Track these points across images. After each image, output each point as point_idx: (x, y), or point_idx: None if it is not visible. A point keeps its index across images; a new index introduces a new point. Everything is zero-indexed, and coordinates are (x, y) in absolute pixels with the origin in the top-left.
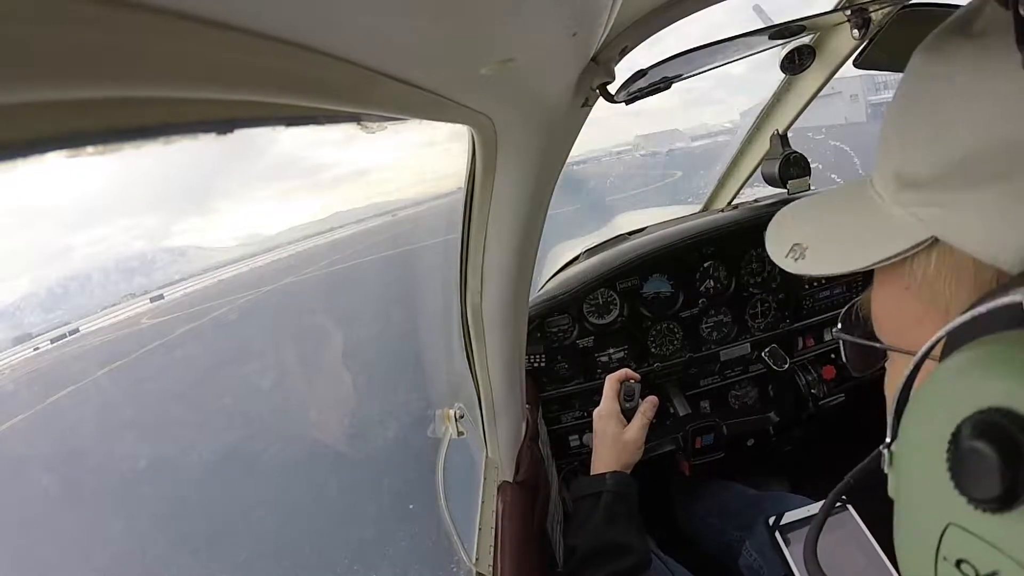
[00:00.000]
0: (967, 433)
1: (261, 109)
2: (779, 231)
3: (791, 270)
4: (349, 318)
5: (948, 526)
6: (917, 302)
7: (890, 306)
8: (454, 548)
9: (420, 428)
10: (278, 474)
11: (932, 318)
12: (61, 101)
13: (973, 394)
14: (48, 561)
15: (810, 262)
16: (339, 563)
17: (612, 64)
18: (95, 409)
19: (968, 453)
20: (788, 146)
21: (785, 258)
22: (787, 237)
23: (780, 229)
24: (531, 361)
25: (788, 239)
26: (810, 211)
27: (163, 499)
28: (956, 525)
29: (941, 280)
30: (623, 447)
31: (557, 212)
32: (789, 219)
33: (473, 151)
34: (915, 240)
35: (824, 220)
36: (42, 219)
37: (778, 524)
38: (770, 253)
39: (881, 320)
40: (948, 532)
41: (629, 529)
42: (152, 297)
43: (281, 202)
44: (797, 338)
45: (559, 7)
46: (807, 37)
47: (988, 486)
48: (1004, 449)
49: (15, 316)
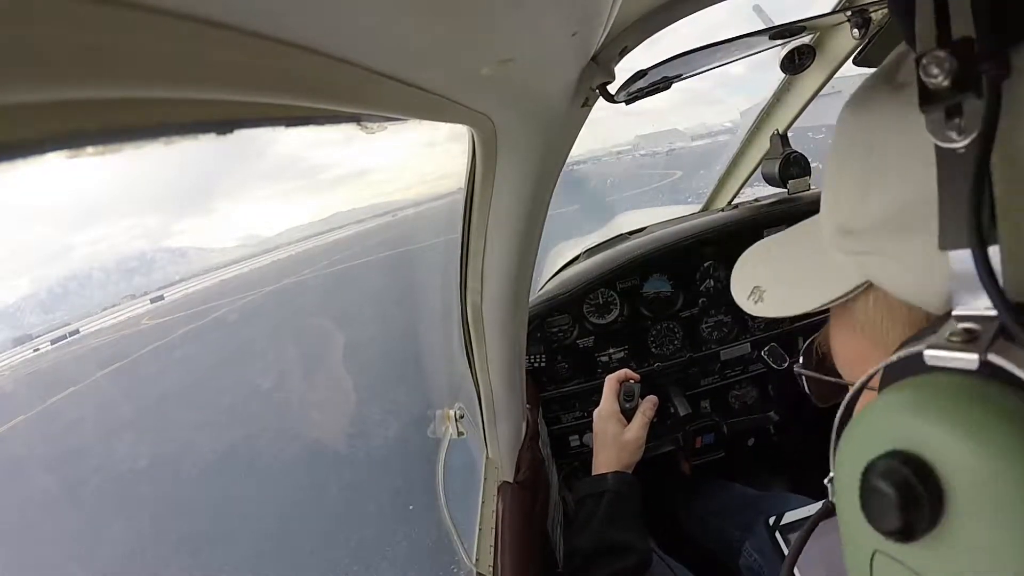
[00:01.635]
0: (874, 472)
1: (261, 109)
2: (741, 273)
3: (751, 312)
4: (349, 318)
5: (875, 552)
6: (863, 340)
7: (841, 343)
8: (454, 548)
9: (420, 428)
10: (278, 474)
11: (875, 355)
12: (61, 101)
13: (881, 436)
14: (48, 561)
15: (767, 304)
16: (339, 563)
17: (612, 64)
18: (95, 410)
19: (873, 491)
20: (788, 146)
21: (747, 300)
22: (748, 280)
23: (742, 271)
24: (531, 361)
25: (749, 282)
26: (767, 254)
27: (163, 499)
28: (881, 552)
29: (879, 321)
30: (623, 447)
31: (560, 211)
32: (750, 262)
33: (473, 151)
34: (853, 284)
35: (780, 263)
36: (42, 219)
37: (778, 524)
38: (734, 295)
39: (836, 356)
40: (876, 558)
41: (630, 529)
42: (152, 298)
43: (281, 202)
44: (797, 338)
45: (559, 7)
46: (807, 37)
47: (890, 521)
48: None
49: (15, 316)
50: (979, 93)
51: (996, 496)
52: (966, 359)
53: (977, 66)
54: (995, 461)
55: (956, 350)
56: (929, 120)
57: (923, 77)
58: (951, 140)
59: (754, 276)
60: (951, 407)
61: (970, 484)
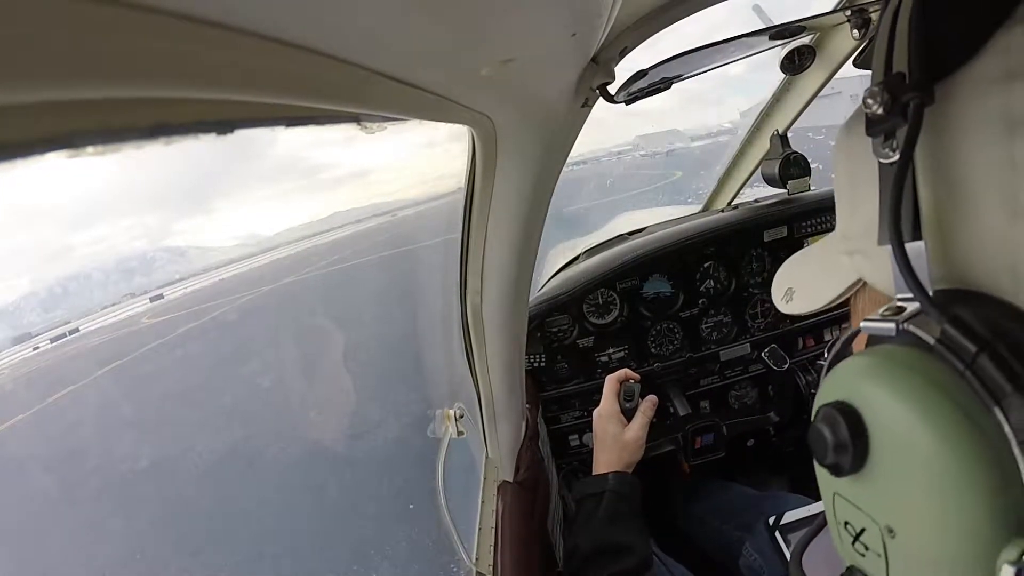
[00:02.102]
0: (817, 416)
1: (261, 109)
2: (781, 276)
3: (783, 310)
4: (349, 318)
5: (834, 495)
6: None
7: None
8: (454, 548)
9: (420, 428)
10: (278, 474)
11: None
12: (61, 101)
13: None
14: (48, 561)
15: (796, 302)
16: (339, 563)
17: (612, 64)
18: (95, 409)
19: (814, 432)
20: (788, 146)
21: (781, 300)
22: (784, 283)
23: (782, 274)
24: (531, 361)
25: (784, 284)
26: (800, 259)
27: (163, 499)
28: (838, 494)
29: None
30: (624, 447)
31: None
32: (789, 266)
33: (473, 151)
34: (850, 281)
35: (806, 267)
36: (42, 219)
37: (778, 524)
38: (772, 296)
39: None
40: (835, 500)
41: (631, 529)
42: (152, 297)
43: (281, 202)
44: (797, 338)
45: (559, 7)
46: (807, 37)
47: (824, 456)
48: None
49: (15, 316)
50: (906, 118)
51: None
52: (886, 327)
53: (903, 96)
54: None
55: (881, 322)
56: (873, 143)
57: (864, 108)
58: (886, 156)
59: (790, 279)
60: (880, 366)
61: (885, 427)
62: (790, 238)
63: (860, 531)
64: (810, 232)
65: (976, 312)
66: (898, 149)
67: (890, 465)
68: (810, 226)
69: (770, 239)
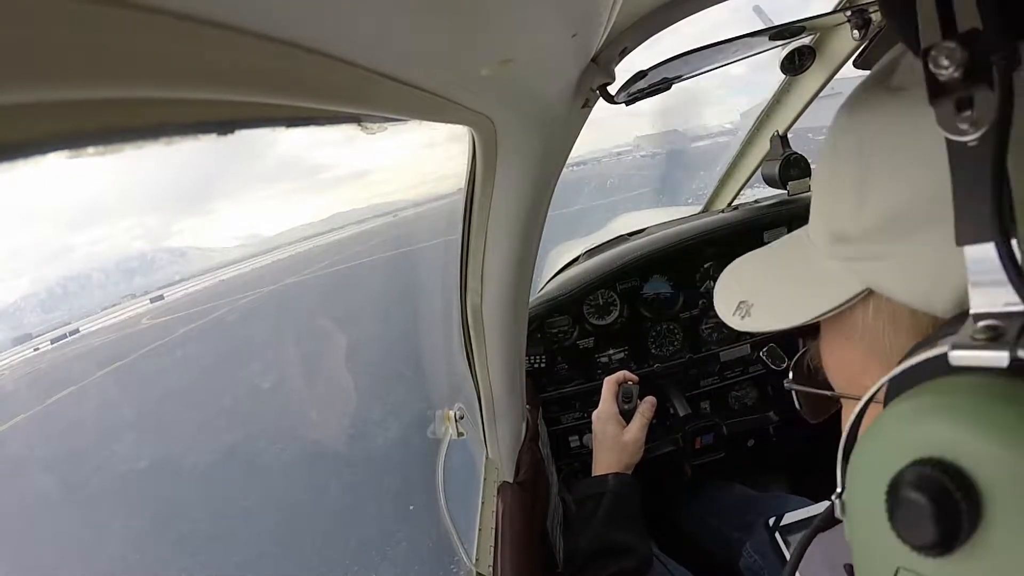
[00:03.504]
0: (903, 483)
1: (261, 109)
2: (725, 289)
3: (738, 328)
4: (349, 318)
5: (898, 570)
6: (860, 351)
7: (836, 356)
8: (454, 548)
9: (420, 428)
10: (278, 474)
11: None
12: (61, 101)
13: (907, 444)
14: (48, 561)
15: (755, 319)
16: (339, 563)
17: (612, 65)
18: (95, 409)
19: (904, 503)
20: (788, 147)
21: (732, 316)
22: (733, 295)
23: (725, 287)
24: (531, 362)
25: (734, 297)
26: (753, 267)
27: (163, 499)
28: (905, 569)
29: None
30: (623, 448)
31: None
32: (734, 276)
33: (473, 152)
34: (851, 292)
35: (767, 276)
36: (42, 219)
37: (778, 525)
38: (718, 311)
39: (830, 369)
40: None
41: (631, 530)
42: (152, 297)
43: (281, 203)
44: (797, 339)
45: (559, 7)
46: (807, 38)
47: (924, 534)
48: (935, 498)
49: (15, 316)
50: (991, 84)
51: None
52: (995, 356)
53: (988, 56)
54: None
55: (983, 348)
56: (939, 114)
57: (932, 69)
58: (963, 133)
59: (740, 291)
60: (983, 408)
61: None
62: None
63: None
64: None
65: None
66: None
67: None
68: None
69: (770, 240)
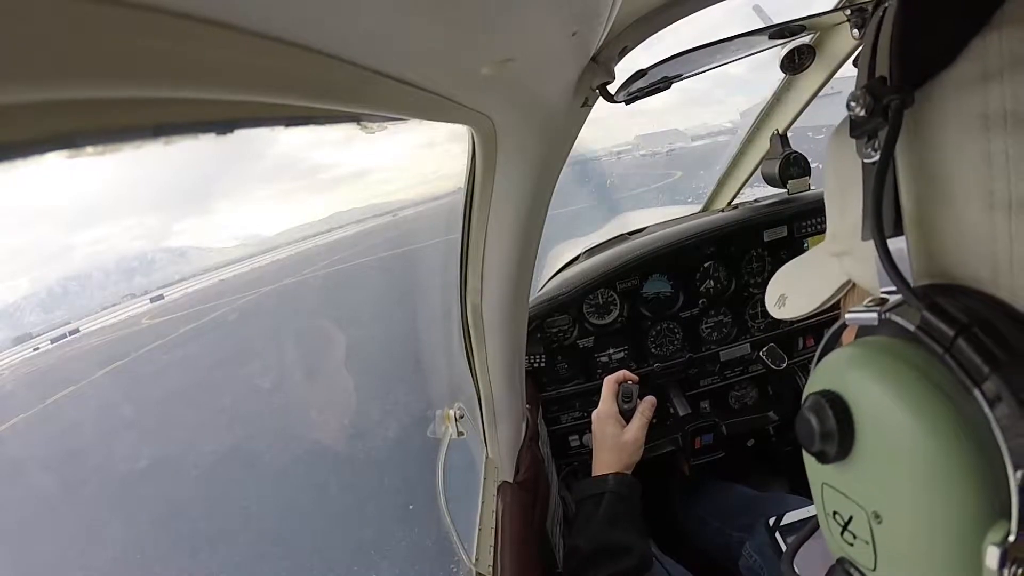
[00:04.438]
0: (805, 404)
1: (261, 109)
2: (774, 284)
3: (775, 315)
4: (350, 318)
5: (823, 485)
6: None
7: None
8: (454, 548)
9: (420, 428)
10: (278, 474)
11: None
12: (61, 101)
13: (816, 381)
14: (48, 561)
15: (788, 308)
16: (339, 563)
17: (612, 64)
18: (95, 409)
19: (801, 420)
20: (788, 146)
21: (774, 306)
22: (777, 289)
23: (775, 283)
24: (531, 361)
25: (777, 290)
26: (792, 266)
27: (163, 499)
28: (826, 484)
29: None
30: (623, 448)
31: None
32: (783, 274)
33: (473, 151)
34: (840, 283)
35: (798, 272)
36: (42, 219)
37: (778, 525)
38: (767, 303)
39: None
40: (824, 491)
41: (631, 530)
42: (152, 297)
43: (281, 202)
44: (797, 338)
45: (559, 7)
46: (807, 37)
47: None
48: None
49: (15, 316)
50: (887, 119)
51: (888, 422)
52: (869, 317)
53: (884, 98)
54: (886, 394)
55: (863, 312)
56: (856, 144)
57: (848, 111)
58: (869, 156)
59: (783, 285)
60: (868, 356)
61: (869, 413)
62: (790, 238)
63: (848, 520)
64: (810, 232)
65: (954, 300)
66: (879, 149)
67: (875, 450)
68: (810, 226)
69: (770, 239)
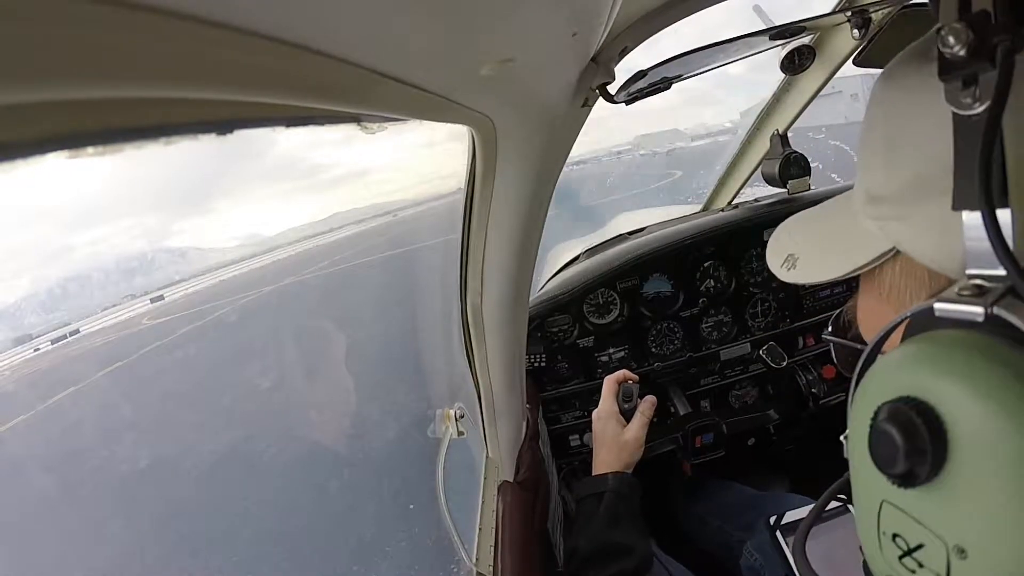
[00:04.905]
0: (880, 416)
1: (261, 109)
2: (777, 242)
3: (784, 278)
4: (349, 319)
5: (882, 503)
6: (888, 307)
7: (869, 311)
8: (454, 548)
9: (420, 428)
10: (278, 474)
11: None
12: (61, 101)
13: (889, 385)
14: (48, 561)
15: (799, 271)
16: (339, 563)
17: (612, 64)
18: (95, 409)
19: (879, 434)
20: (788, 146)
21: (780, 267)
22: (783, 248)
23: (778, 240)
24: (531, 361)
25: (784, 250)
26: (804, 223)
27: (163, 499)
28: (888, 502)
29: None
30: (623, 447)
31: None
32: (787, 231)
33: (473, 151)
34: (880, 250)
35: (814, 231)
36: (42, 219)
37: (779, 524)
38: (768, 263)
39: (863, 324)
40: (883, 509)
41: (631, 530)
42: (152, 298)
43: (281, 202)
44: (797, 337)
45: (559, 7)
46: (807, 37)
47: (895, 464)
48: (904, 430)
49: (15, 316)
50: (994, 63)
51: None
52: (972, 312)
53: (992, 37)
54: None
55: (963, 303)
56: (947, 89)
57: (941, 47)
58: (966, 107)
59: (790, 244)
60: (957, 357)
61: (971, 432)
62: None
63: (915, 547)
64: None
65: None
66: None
67: (974, 476)
68: None
69: (769, 238)
